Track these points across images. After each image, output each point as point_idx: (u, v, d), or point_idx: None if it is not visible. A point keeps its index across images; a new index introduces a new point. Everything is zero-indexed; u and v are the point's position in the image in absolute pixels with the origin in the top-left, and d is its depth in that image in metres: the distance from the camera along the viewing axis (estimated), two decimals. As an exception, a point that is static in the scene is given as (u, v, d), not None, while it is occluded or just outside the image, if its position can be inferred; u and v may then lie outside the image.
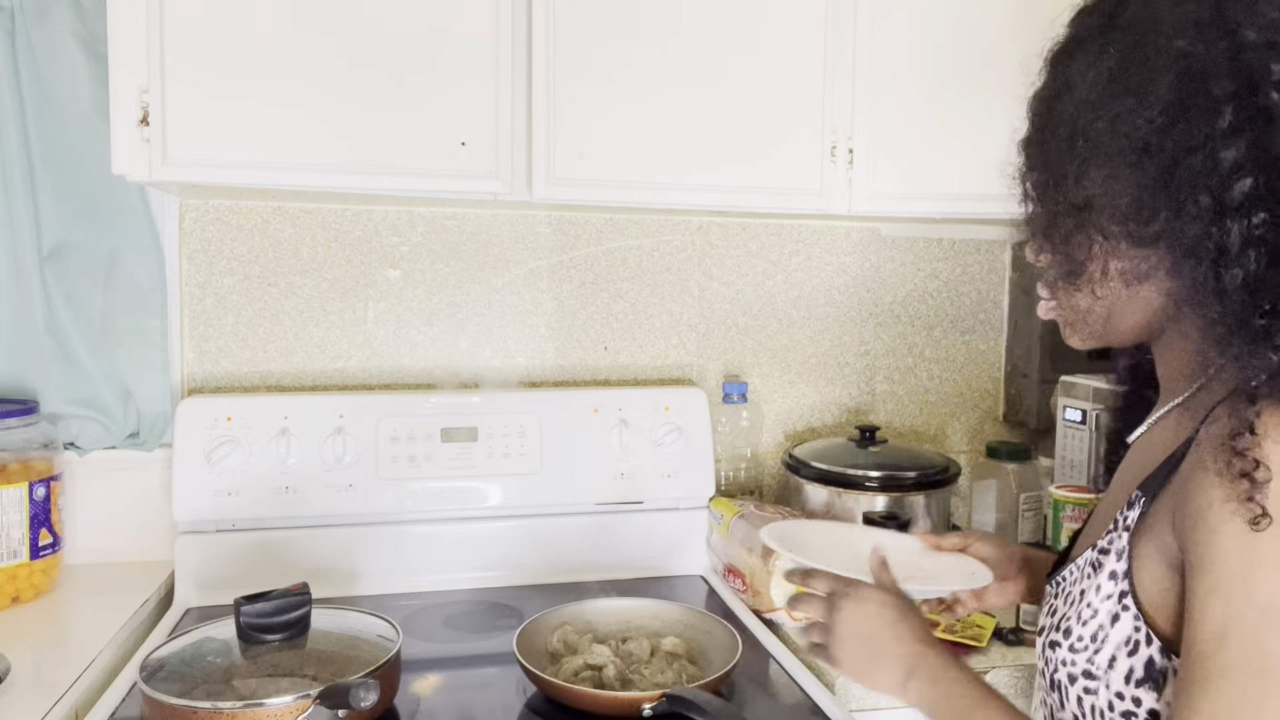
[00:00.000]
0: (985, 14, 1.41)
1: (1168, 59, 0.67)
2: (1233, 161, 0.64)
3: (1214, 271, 0.65)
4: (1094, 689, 0.72)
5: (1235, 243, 0.64)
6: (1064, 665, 0.74)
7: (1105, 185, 0.70)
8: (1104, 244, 0.72)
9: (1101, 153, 0.70)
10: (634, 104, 1.33)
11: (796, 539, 1.10)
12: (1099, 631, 0.72)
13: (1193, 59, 0.65)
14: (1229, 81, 0.64)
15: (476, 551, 1.51)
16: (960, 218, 1.58)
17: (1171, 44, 0.67)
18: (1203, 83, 0.65)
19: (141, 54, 1.17)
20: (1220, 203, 0.64)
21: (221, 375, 1.54)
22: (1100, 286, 0.74)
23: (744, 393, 1.68)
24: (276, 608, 1.06)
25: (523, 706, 1.10)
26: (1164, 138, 0.66)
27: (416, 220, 1.59)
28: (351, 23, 1.23)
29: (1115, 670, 0.70)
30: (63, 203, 1.41)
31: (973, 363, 1.87)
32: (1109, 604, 0.72)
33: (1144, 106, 0.67)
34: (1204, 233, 0.65)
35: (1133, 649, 0.70)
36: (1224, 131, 0.64)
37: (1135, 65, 0.68)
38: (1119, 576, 0.72)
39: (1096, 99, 0.70)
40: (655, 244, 1.70)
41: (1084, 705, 0.72)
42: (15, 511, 1.32)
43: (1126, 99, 0.68)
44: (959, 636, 1.26)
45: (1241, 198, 0.64)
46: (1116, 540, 0.73)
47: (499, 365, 1.64)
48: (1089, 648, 0.72)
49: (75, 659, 1.15)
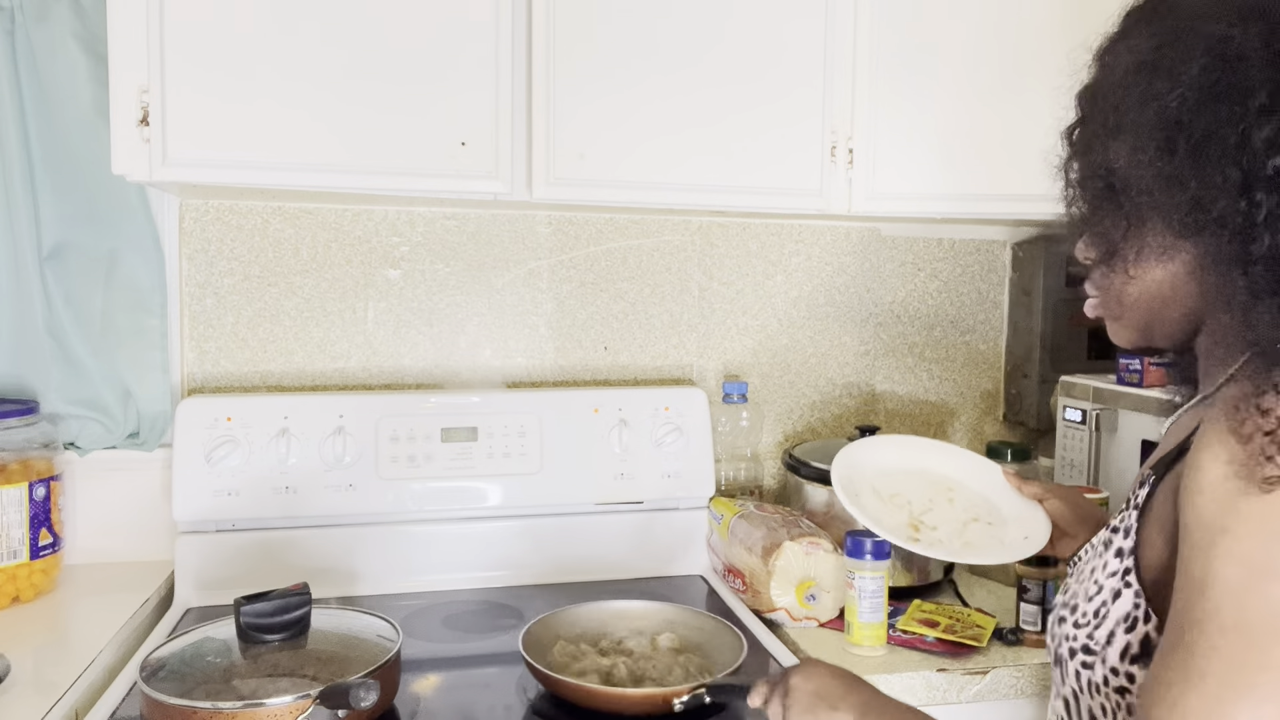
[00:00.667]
0: (985, 14, 1.41)
1: (1205, 42, 0.68)
2: (1265, 139, 0.65)
3: (1241, 244, 0.67)
4: (1091, 663, 0.73)
5: (1263, 216, 0.65)
6: (1067, 640, 0.76)
7: (1134, 159, 0.72)
8: (1137, 221, 0.73)
9: (1133, 129, 0.72)
10: (634, 104, 1.33)
11: (870, 463, 1.12)
12: (1101, 608, 0.73)
13: (1229, 43, 0.67)
14: (1264, 64, 0.66)
15: (476, 551, 1.51)
16: (960, 218, 1.58)
17: (1209, 28, 0.69)
18: (1239, 64, 0.67)
19: (141, 54, 1.17)
20: (1250, 177, 0.66)
21: (221, 375, 1.54)
22: (1134, 266, 0.75)
23: (744, 393, 1.68)
24: (276, 608, 1.06)
25: (527, 707, 1.10)
26: (1196, 115, 0.68)
27: (416, 220, 1.59)
28: (352, 24, 1.23)
29: (1113, 646, 0.72)
30: (63, 203, 1.41)
31: (973, 363, 1.87)
32: (1113, 581, 0.73)
33: (1177, 85, 0.69)
34: (1232, 206, 0.67)
35: (1131, 625, 0.71)
36: (1257, 111, 0.66)
37: (1171, 48, 0.70)
38: (1124, 554, 0.73)
39: (1132, 80, 0.72)
40: (655, 244, 1.70)
41: (1081, 679, 0.74)
42: (15, 511, 1.32)
43: (1160, 79, 0.70)
44: (959, 637, 1.26)
45: (1272, 173, 0.65)
46: (1127, 518, 0.75)
47: (499, 365, 1.64)
48: (1090, 623, 0.74)
49: (75, 659, 1.15)
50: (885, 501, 1.11)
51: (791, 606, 1.32)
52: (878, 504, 1.10)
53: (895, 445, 1.22)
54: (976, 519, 1.04)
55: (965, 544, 1.07)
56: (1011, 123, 1.39)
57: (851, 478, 1.11)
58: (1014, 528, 1.07)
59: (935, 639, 1.27)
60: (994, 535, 1.07)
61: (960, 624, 1.30)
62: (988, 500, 1.11)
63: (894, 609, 1.32)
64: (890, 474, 1.14)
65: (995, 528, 1.07)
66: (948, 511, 1.12)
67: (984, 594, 1.46)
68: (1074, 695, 0.76)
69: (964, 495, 1.07)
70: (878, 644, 1.24)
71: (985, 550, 1.06)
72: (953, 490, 1.15)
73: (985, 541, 1.07)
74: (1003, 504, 1.10)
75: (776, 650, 1.25)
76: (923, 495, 1.07)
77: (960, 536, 1.08)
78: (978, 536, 1.07)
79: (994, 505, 1.10)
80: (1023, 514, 1.08)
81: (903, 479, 1.12)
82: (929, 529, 1.07)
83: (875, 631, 1.24)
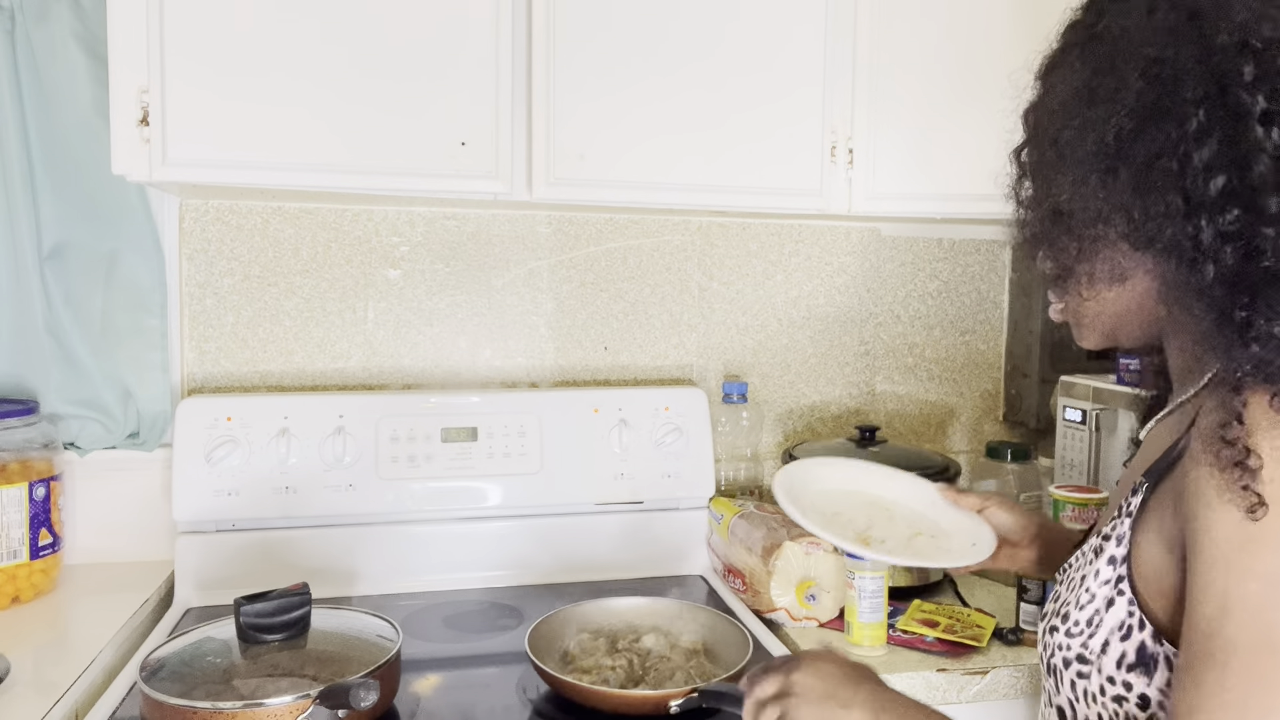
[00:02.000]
0: (985, 15, 1.41)
1: (1139, 66, 0.68)
2: (1204, 161, 0.65)
3: (1192, 269, 0.66)
4: (1086, 673, 0.73)
5: (1210, 239, 0.65)
6: (1060, 650, 0.75)
7: (1077, 190, 0.72)
8: (1085, 247, 0.74)
9: (1074, 159, 0.72)
10: (634, 104, 1.33)
11: (809, 484, 1.11)
12: (1095, 616, 0.73)
13: (1163, 65, 0.67)
14: (1199, 84, 0.66)
15: (476, 551, 1.51)
16: (960, 218, 1.58)
17: (1142, 52, 0.68)
18: (1173, 87, 0.66)
19: (141, 54, 1.17)
20: (1193, 202, 0.65)
21: (221, 375, 1.54)
22: (1088, 289, 0.76)
23: (744, 393, 1.68)
24: (276, 608, 1.06)
25: (529, 707, 1.10)
26: (1135, 142, 0.68)
27: (416, 220, 1.59)
28: (352, 23, 1.23)
29: (1108, 655, 0.71)
30: (63, 203, 1.41)
31: (973, 363, 1.87)
32: (1106, 589, 0.73)
33: (1114, 113, 0.69)
34: (1179, 231, 0.66)
35: (1125, 634, 0.71)
36: (1194, 133, 0.65)
37: (1107, 74, 0.70)
38: (1117, 561, 0.73)
39: (1070, 108, 0.72)
40: (655, 244, 1.70)
41: (1077, 689, 0.74)
42: (15, 511, 1.32)
43: (1097, 107, 0.70)
44: (959, 637, 1.26)
45: (1215, 195, 0.65)
46: (1119, 526, 0.74)
47: (499, 365, 1.64)
48: (1084, 632, 0.73)
49: (75, 659, 1.14)
50: (829, 519, 1.10)
51: (791, 606, 1.32)
52: (823, 520, 1.09)
53: (830, 467, 1.21)
54: (919, 533, 1.04)
55: (914, 554, 1.07)
56: (1009, 125, 1.38)
57: (796, 494, 1.10)
58: (958, 538, 1.07)
59: (935, 639, 1.27)
60: (940, 546, 1.07)
61: (960, 624, 1.30)
62: (926, 516, 1.12)
63: (894, 609, 1.32)
64: (829, 494, 1.13)
65: (939, 539, 1.07)
66: (890, 528, 1.12)
67: (984, 594, 1.46)
68: (1070, 704, 0.75)
69: (903, 512, 1.08)
70: (878, 644, 1.24)
71: (935, 558, 1.06)
72: (891, 509, 1.16)
73: (933, 551, 1.07)
74: (942, 518, 1.11)
75: (777, 650, 1.25)
76: (863, 514, 1.07)
77: (907, 548, 1.08)
78: (924, 547, 1.07)
79: (934, 520, 1.11)
80: (964, 525, 1.09)
81: (841, 499, 1.11)
82: (877, 542, 1.07)
83: (875, 631, 1.24)
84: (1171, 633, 0.68)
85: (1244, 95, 0.65)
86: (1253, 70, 0.65)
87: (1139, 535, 0.72)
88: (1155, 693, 0.69)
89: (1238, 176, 0.64)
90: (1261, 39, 0.65)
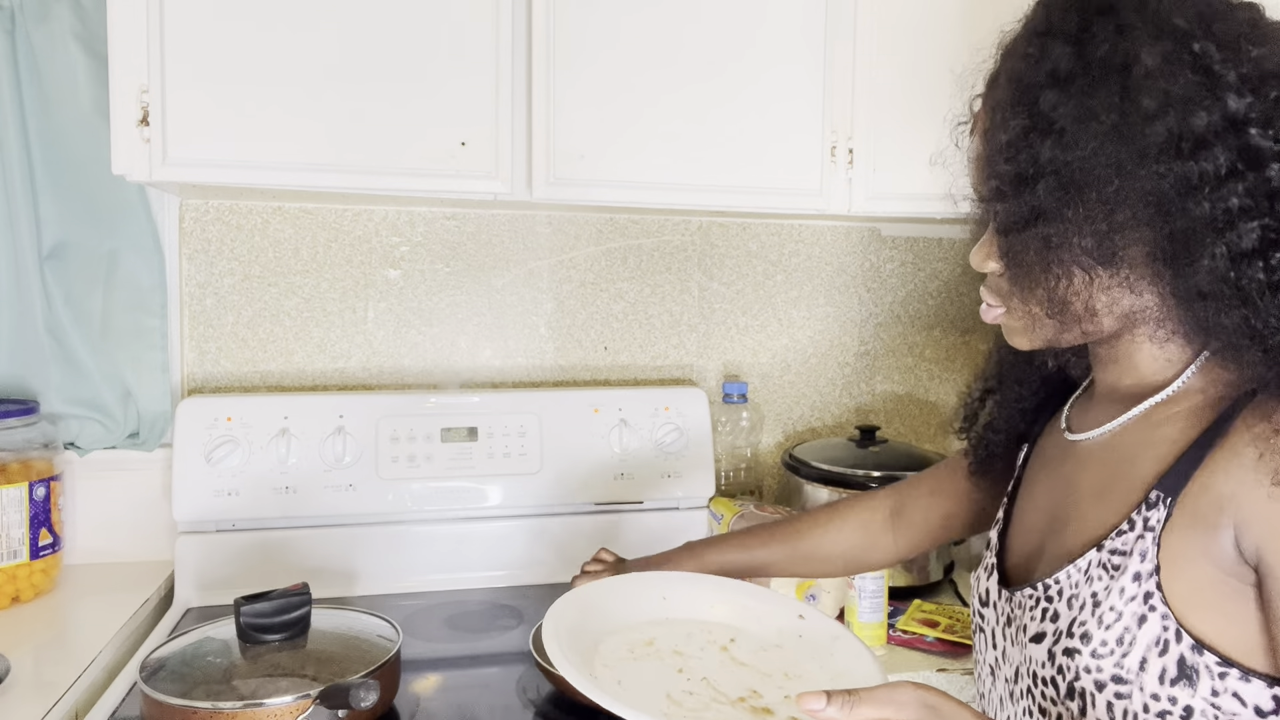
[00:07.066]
0: (985, 15, 1.41)
1: (1153, 101, 0.67)
2: (1239, 206, 0.66)
3: (1231, 309, 0.67)
4: (1126, 693, 0.70)
5: (1208, 252, 0.66)
6: (1087, 672, 0.72)
7: (1056, 214, 0.71)
8: (1064, 272, 0.73)
9: (1080, 189, 0.70)
10: (634, 103, 1.33)
11: (592, 614, 0.88)
12: (1125, 635, 0.71)
13: (1171, 97, 0.67)
14: (1207, 114, 0.66)
15: (476, 551, 1.51)
16: (960, 218, 1.57)
17: (1155, 85, 0.67)
18: (1183, 117, 0.66)
19: (141, 54, 1.17)
20: (1233, 252, 0.66)
21: (221, 375, 1.54)
22: (1054, 313, 0.76)
23: (744, 393, 1.68)
24: (276, 608, 1.06)
25: (530, 707, 1.10)
26: (1163, 184, 0.67)
27: (416, 220, 1.59)
28: (352, 23, 1.23)
29: (1147, 672, 0.70)
30: (63, 203, 1.41)
31: (973, 363, 1.87)
32: (1134, 605, 0.71)
33: (1125, 142, 0.68)
34: (1219, 274, 0.67)
35: (1163, 649, 0.69)
36: (1224, 174, 0.66)
37: (1112, 107, 0.69)
38: (1143, 577, 0.71)
39: (1075, 139, 0.70)
40: (655, 244, 1.70)
41: (1115, 710, 0.71)
42: (15, 511, 1.32)
43: (1109, 141, 0.69)
44: (959, 637, 1.26)
45: (1255, 244, 0.66)
46: (1138, 542, 0.72)
47: (499, 365, 1.64)
48: (1115, 651, 0.71)
49: (75, 659, 1.15)
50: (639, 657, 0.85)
51: (791, 606, 1.32)
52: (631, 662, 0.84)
53: (617, 594, 0.94)
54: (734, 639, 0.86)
55: None
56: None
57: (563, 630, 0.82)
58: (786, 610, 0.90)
59: (935, 639, 1.27)
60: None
61: (960, 624, 1.30)
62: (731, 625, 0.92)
63: (894, 609, 1.32)
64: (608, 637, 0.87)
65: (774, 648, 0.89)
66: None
67: (984, 594, 1.46)
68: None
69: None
70: (878, 644, 1.24)
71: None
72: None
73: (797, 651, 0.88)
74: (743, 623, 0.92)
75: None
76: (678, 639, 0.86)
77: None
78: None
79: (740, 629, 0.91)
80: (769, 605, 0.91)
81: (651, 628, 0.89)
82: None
83: (875, 631, 1.24)
84: (1215, 642, 0.68)
85: (1256, 132, 0.66)
86: (1264, 109, 0.66)
87: (1168, 551, 0.70)
88: (1200, 703, 0.68)
89: (1275, 221, 0.66)
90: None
